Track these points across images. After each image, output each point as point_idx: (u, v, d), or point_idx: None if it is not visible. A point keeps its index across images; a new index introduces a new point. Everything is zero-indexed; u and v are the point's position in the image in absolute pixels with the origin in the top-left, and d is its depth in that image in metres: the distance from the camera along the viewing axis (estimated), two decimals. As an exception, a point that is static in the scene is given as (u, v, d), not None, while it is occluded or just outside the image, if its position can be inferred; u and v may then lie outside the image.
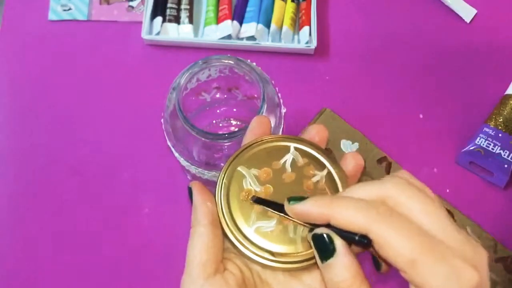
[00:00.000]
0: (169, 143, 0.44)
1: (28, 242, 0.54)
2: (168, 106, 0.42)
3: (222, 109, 0.50)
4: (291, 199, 0.28)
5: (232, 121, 0.51)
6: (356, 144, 0.58)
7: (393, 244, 0.23)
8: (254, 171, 0.32)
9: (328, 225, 0.26)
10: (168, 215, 0.54)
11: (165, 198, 0.55)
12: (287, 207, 0.28)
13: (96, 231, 0.54)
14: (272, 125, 0.42)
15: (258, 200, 0.31)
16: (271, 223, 0.30)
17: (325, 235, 0.26)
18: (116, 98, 0.60)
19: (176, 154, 0.45)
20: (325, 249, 0.25)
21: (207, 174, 0.45)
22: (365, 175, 0.57)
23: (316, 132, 0.33)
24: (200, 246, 0.29)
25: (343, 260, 0.25)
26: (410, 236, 0.24)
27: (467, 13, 0.66)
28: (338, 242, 0.25)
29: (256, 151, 0.32)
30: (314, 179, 0.31)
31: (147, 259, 0.53)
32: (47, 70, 0.62)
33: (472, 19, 0.66)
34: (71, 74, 0.61)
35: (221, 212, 0.30)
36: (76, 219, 0.55)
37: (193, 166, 0.44)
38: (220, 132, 0.48)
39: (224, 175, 0.32)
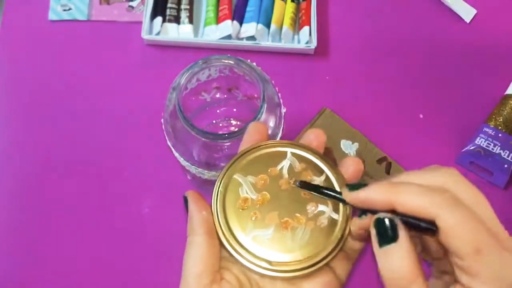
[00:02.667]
0: (169, 143, 0.44)
1: (27, 241, 0.54)
2: (168, 106, 0.42)
3: (222, 109, 0.50)
4: (351, 186, 0.28)
5: (232, 121, 0.51)
6: (356, 144, 0.58)
7: (459, 232, 0.23)
8: (250, 178, 0.31)
9: (390, 211, 0.26)
10: (168, 215, 0.54)
11: (165, 198, 0.55)
12: (347, 194, 0.28)
13: (96, 230, 0.54)
14: (272, 125, 0.42)
15: (303, 185, 0.30)
16: (268, 231, 0.29)
17: (387, 221, 0.25)
18: (116, 98, 0.60)
19: (176, 154, 0.45)
20: (386, 235, 0.25)
21: (207, 174, 0.45)
22: (364, 175, 0.57)
23: (314, 137, 0.33)
24: (196, 256, 0.28)
25: (404, 247, 0.24)
26: (476, 226, 0.23)
27: (467, 13, 0.66)
28: (402, 229, 0.25)
29: (253, 157, 0.32)
30: None
31: (147, 259, 0.53)
32: (47, 70, 0.62)
33: (472, 19, 0.66)
34: (71, 74, 0.61)
35: (217, 221, 0.30)
36: (75, 219, 0.55)
37: (193, 166, 0.44)
38: (220, 132, 0.48)
39: (220, 183, 0.31)
